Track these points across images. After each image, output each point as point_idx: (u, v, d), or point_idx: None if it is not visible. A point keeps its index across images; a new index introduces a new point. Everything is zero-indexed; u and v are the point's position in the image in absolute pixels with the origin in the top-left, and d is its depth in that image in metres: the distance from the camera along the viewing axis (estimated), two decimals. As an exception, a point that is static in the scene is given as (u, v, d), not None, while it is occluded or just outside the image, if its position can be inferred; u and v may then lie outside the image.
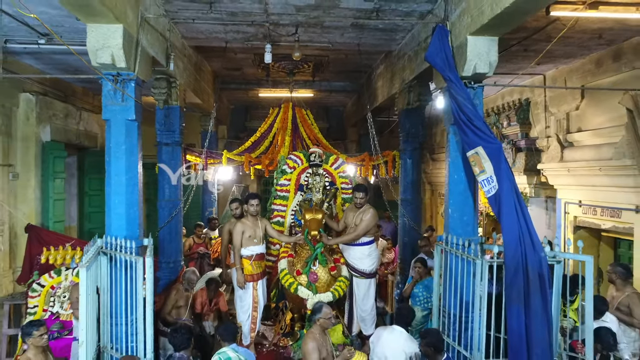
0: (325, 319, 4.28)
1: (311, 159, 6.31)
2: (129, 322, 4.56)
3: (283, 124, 8.35)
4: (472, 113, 4.72)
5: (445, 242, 5.07)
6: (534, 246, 4.43)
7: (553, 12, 4.70)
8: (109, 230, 4.76)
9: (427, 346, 4.08)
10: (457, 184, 5.09)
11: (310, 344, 4.16)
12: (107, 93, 4.69)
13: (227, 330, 4.18)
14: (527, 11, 4.01)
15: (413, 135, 7.19)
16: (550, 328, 4.42)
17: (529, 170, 7.95)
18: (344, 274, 5.56)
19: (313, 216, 5.45)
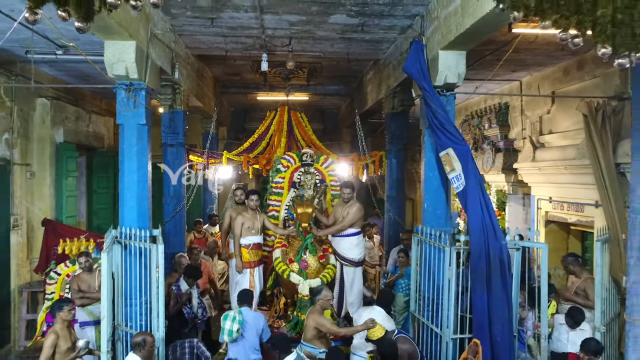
0: (324, 300, 4.96)
1: (303, 159, 6.94)
2: (141, 302, 5.19)
3: (279, 126, 8.97)
4: (444, 118, 5.35)
5: (421, 233, 5.70)
6: (496, 235, 5.06)
7: (515, 29, 5.32)
8: (123, 222, 5.36)
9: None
10: (432, 181, 5.72)
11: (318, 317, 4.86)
12: (120, 100, 5.30)
13: (245, 295, 5.05)
14: (486, 32, 4.64)
15: (398, 137, 7.83)
16: (510, 307, 5.05)
17: (506, 169, 8.58)
18: (331, 262, 6.19)
19: (304, 210, 6.09)
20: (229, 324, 4.65)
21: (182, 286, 5.93)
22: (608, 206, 5.46)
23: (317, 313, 4.91)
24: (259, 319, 5.04)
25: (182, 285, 5.94)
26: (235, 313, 4.76)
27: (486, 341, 4.94)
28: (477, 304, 5.04)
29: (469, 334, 5.12)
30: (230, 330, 4.64)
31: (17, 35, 5.92)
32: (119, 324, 5.18)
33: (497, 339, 4.95)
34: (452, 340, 5.11)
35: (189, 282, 5.88)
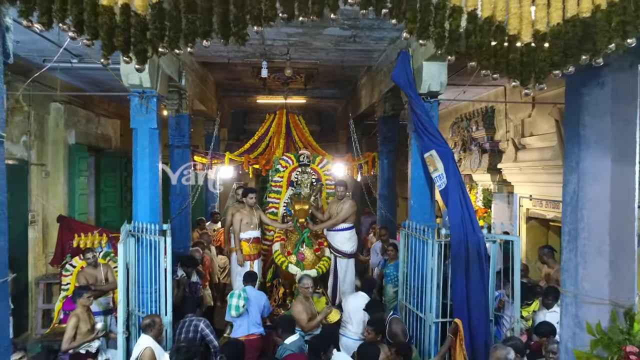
0: (303, 288, 5.49)
1: (300, 160, 7.48)
2: (152, 290, 5.72)
3: (278, 128, 9.51)
4: (427, 123, 5.89)
5: (408, 227, 6.24)
6: (474, 229, 5.59)
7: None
8: (136, 217, 5.88)
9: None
10: (418, 180, 6.25)
11: (298, 306, 5.40)
12: (134, 107, 5.83)
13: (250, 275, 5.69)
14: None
15: (389, 139, 8.38)
16: (486, 293, 5.59)
17: (491, 169, 9.13)
18: (326, 255, 6.74)
19: (301, 207, 6.64)
20: (235, 301, 5.21)
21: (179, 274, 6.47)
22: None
23: (300, 302, 5.46)
24: (261, 296, 5.61)
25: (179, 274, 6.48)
26: (240, 291, 5.34)
27: (465, 324, 5.45)
28: (456, 290, 5.57)
29: (449, 318, 5.65)
30: (237, 305, 5.20)
31: (35, 45, 6.48)
32: (133, 309, 5.70)
33: (474, 322, 5.48)
34: (434, 323, 5.64)
35: (187, 271, 6.39)
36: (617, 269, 2.64)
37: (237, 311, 5.24)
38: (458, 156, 10.36)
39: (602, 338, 2.56)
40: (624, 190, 2.64)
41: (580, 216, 2.75)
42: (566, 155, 2.94)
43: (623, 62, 2.52)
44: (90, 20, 1.80)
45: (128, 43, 1.81)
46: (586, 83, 2.66)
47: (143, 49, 1.84)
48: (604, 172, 2.64)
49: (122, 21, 1.82)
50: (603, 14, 1.99)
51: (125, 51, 1.83)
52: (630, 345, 2.50)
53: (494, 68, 1.97)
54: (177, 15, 1.85)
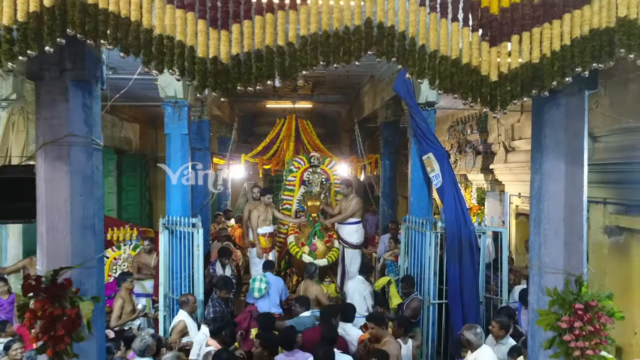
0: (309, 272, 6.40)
1: (311, 161, 8.31)
2: (184, 276, 6.51)
3: (288, 132, 10.30)
4: (425, 129, 6.71)
5: (408, 221, 7.05)
6: (466, 222, 6.41)
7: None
8: (169, 211, 6.67)
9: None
10: (417, 179, 7.06)
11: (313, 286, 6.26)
12: (168, 115, 6.63)
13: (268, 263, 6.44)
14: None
15: (391, 142, 9.20)
16: (477, 279, 6.40)
17: (484, 169, 9.93)
18: (336, 246, 7.57)
19: (313, 203, 7.47)
20: (258, 284, 6.03)
21: (217, 269, 7.24)
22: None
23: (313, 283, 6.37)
24: (279, 281, 6.45)
25: (217, 268, 7.25)
26: (261, 276, 6.16)
27: (458, 305, 6.29)
28: (450, 276, 6.38)
29: (445, 300, 6.46)
30: (260, 288, 6.02)
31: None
32: (167, 292, 6.51)
33: (466, 303, 6.29)
34: (432, 304, 6.45)
35: (223, 261, 7.18)
36: (570, 247, 3.44)
37: (260, 293, 6.05)
38: (454, 157, 11.15)
39: (558, 299, 3.35)
40: (574, 187, 3.43)
41: (542, 207, 3.55)
42: (532, 159, 3.75)
43: (573, 88, 3.31)
44: (190, 67, 2.59)
45: (216, 83, 2.61)
46: (546, 104, 3.45)
47: (226, 87, 2.63)
48: (559, 173, 3.43)
49: (212, 68, 2.61)
50: (548, 60, 2.78)
51: (214, 89, 2.62)
52: (578, 303, 3.30)
53: (471, 99, 2.77)
54: (250, 63, 2.64)
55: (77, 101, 3.17)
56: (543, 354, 3.46)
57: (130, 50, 2.59)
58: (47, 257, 3.14)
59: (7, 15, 2.50)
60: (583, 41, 2.80)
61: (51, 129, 3.13)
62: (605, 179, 6.44)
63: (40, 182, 3.17)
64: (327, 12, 2.70)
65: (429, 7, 2.76)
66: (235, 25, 2.63)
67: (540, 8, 2.81)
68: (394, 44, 2.74)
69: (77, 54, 3.06)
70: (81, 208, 3.19)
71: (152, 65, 2.62)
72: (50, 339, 3.02)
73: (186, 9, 2.60)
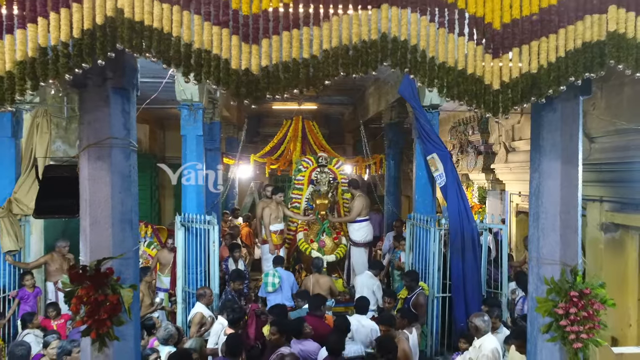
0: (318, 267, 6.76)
1: (319, 161, 8.63)
2: (199, 271, 6.83)
3: (294, 133, 10.62)
4: (429, 130, 7.03)
5: (413, 218, 7.37)
6: (469, 219, 6.74)
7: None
8: (185, 209, 6.99)
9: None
10: (421, 179, 7.38)
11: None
12: (184, 117, 6.95)
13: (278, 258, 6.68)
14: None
15: (395, 143, 9.52)
16: (479, 273, 6.72)
17: (485, 169, 10.25)
18: (343, 243, 7.89)
19: (321, 202, 7.80)
20: (271, 279, 6.36)
21: (229, 265, 7.55)
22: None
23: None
24: (290, 275, 6.79)
25: (229, 264, 7.56)
26: (274, 271, 6.48)
27: (461, 298, 6.62)
28: (454, 271, 6.70)
29: (448, 293, 6.78)
30: (273, 282, 6.34)
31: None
32: (183, 286, 6.82)
33: (469, 296, 6.61)
34: (436, 298, 6.77)
35: (235, 256, 7.50)
36: (565, 240, 3.74)
37: (274, 287, 6.38)
38: (456, 157, 11.46)
39: (555, 287, 3.66)
40: (570, 185, 3.74)
41: (540, 203, 3.86)
42: (531, 159, 4.06)
43: (569, 94, 3.62)
44: (225, 78, 2.90)
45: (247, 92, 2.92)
46: (544, 108, 3.76)
47: (257, 95, 2.94)
48: (556, 171, 3.74)
49: (244, 79, 2.92)
50: (545, 71, 3.09)
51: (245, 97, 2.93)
52: (573, 291, 3.61)
53: (475, 105, 3.08)
54: (278, 74, 2.95)
55: (117, 107, 3.48)
56: (541, 338, 3.77)
57: (172, 63, 2.90)
58: (90, 249, 3.45)
59: (64, 32, 2.81)
60: (576, 53, 3.11)
61: (94, 132, 3.44)
62: (601, 178, 6.75)
63: (83, 180, 3.48)
64: (347, 27, 3.01)
65: (437, 23, 3.07)
66: (265, 40, 2.94)
67: (538, 23, 3.12)
68: (406, 56, 3.05)
69: (117, 64, 3.36)
70: (120, 204, 3.51)
71: (192, 76, 2.93)
72: (94, 323, 3.33)
73: (222, 26, 2.91)
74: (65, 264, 7.10)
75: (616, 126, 6.23)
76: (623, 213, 6.40)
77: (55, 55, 2.81)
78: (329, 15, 2.99)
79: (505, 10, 3.10)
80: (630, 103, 6.13)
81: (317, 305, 5.54)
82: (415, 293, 6.39)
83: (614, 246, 6.61)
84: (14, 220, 6.46)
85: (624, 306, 6.53)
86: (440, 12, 3.08)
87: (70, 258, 7.20)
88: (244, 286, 6.70)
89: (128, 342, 3.56)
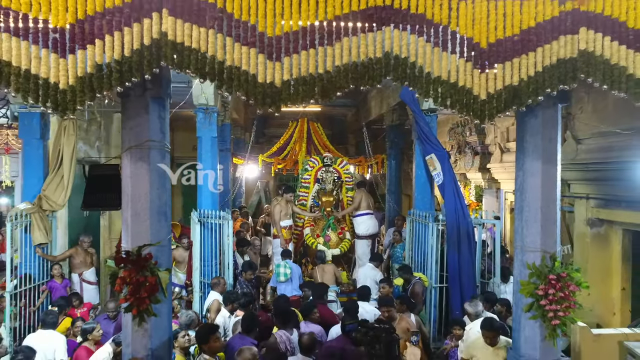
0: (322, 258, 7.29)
1: (325, 161, 9.17)
2: (214, 263, 7.34)
3: (300, 134, 11.15)
4: (428, 132, 7.55)
5: (413, 215, 7.89)
6: (464, 215, 7.24)
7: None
8: (200, 206, 7.49)
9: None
10: (420, 177, 7.91)
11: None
12: (200, 120, 7.47)
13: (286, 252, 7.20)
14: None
15: (396, 144, 10.05)
16: (473, 265, 7.23)
17: (482, 168, 10.76)
18: (347, 237, 8.43)
19: (327, 199, 8.34)
20: (283, 269, 6.88)
21: (237, 259, 8.07)
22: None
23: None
24: (298, 268, 7.32)
25: (237, 259, 8.08)
26: (285, 262, 7.01)
27: (457, 289, 7.13)
28: (450, 263, 7.21)
29: (445, 284, 7.29)
30: (285, 273, 6.87)
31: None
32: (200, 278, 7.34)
33: (464, 286, 7.12)
34: (434, 288, 7.29)
35: (240, 250, 8.02)
36: (546, 230, 4.26)
37: (285, 277, 6.91)
38: (454, 157, 11.98)
39: (536, 271, 4.18)
40: (549, 182, 4.26)
41: (524, 198, 4.38)
42: (516, 159, 4.58)
43: (549, 102, 4.13)
44: (252, 90, 3.43)
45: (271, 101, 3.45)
46: (527, 115, 4.29)
47: (278, 105, 3.46)
48: (537, 170, 4.26)
49: (269, 91, 3.45)
50: (525, 84, 3.61)
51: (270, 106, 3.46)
52: (552, 274, 4.13)
53: (465, 113, 3.60)
54: (297, 87, 3.47)
55: (155, 114, 4.01)
56: (524, 316, 4.29)
57: (207, 77, 3.43)
58: (131, 237, 3.98)
59: (117, 51, 3.33)
60: (552, 68, 3.64)
61: (135, 136, 3.97)
62: (587, 176, 7.27)
63: (126, 178, 4.00)
64: (356, 47, 3.54)
65: (433, 42, 3.60)
66: (287, 58, 3.47)
67: (519, 43, 3.64)
68: (406, 71, 3.58)
69: (155, 76, 3.88)
70: (157, 198, 4.03)
71: (224, 88, 3.46)
72: (135, 301, 3.85)
73: (249, 46, 3.43)
74: (88, 258, 7.63)
75: (601, 129, 6.74)
76: (607, 209, 6.91)
77: (109, 71, 3.34)
78: (340, 37, 3.52)
79: (491, 31, 3.63)
80: (614, 107, 6.62)
81: (320, 293, 6.05)
82: (412, 283, 6.91)
83: (600, 240, 7.12)
84: (44, 216, 6.98)
85: (609, 296, 7.06)
86: (435, 34, 3.60)
87: (92, 252, 7.73)
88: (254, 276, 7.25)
89: (163, 318, 4.08)
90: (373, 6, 3.53)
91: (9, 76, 3.28)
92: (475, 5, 3.61)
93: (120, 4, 3.32)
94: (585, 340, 5.28)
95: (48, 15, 3.30)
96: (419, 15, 3.56)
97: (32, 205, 6.87)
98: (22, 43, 3.28)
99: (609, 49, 3.63)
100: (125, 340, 4.06)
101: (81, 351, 5.32)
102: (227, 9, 3.42)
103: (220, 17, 3.41)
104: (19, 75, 3.27)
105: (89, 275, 7.59)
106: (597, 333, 5.39)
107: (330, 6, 3.48)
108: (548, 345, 4.26)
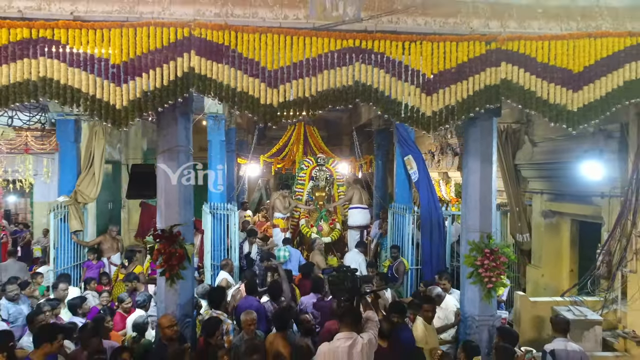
0: (319, 244, 8.46)
1: (318, 161, 10.42)
2: (222, 248, 8.59)
3: (297, 137, 12.39)
4: (406, 137, 8.79)
5: (393, 207, 9.13)
6: (436, 208, 8.48)
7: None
8: (210, 199, 8.74)
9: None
10: (400, 175, 9.15)
11: (317, 256, 8.34)
12: (210, 125, 8.72)
13: (287, 239, 8.39)
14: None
15: (383, 146, 11.31)
16: (444, 250, 8.47)
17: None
18: (337, 227, 9.69)
19: (320, 194, 9.61)
20: (282, 252, 8.09)
21: (244, 247, 9.31)
22: (509, 190, 8.88)
23: (317, 253, 8.44)
24: (297, 252, 8.54)
25: (245, 246, 9.32)
26: (284, 248, 8.23)
27: (429, 269, 8.36)
28: (424, 248, 8.45)
29: (420, 266, 8.53)
30: (284, 255, 8.08)
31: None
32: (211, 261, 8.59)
33: (434, 268, 8.35)
34: (410, 269, 8.52)
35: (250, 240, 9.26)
36: (483, 215, 5.50)
37: (285, 259, 8.13)
38: (437, 157, 13.19)
39: (475, 247, 5.42)
40: (486, 177, 5.50)
41: (468, 190, 5.62)
42: (462, 160, 5.83)
43: (486, 116, 5.37)
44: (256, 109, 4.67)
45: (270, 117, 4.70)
46: (469, 126, 5.53)
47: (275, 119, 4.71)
48: (477, 169, 5.50)
49: (268, 110, 4.70)
50: (459, 104, 4.82)
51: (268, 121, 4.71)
52: (487, 249, 5.37)
53: (414, 126, 4.85)
54: (290, 106, 4.71)
55: (182, 125, 5.25)
56: (467, 282, 5.53)
57: (223, 100, 4.68)
58: (164, 219, 5.22)
59: (158, 81, 4.57)
60: (480, 92, 4.88)
61: (166, 141, 5.22)
62: (541, 174, 8.50)
63: (160, 174, 5.25)
64: (333, 77, 4.77)
65: (390, 73, 4.83)
66: (282, 86, 4.71)
67: (456, 73, 4.88)
68: (371, 95, 4.82)
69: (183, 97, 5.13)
70: (184, 190, 5.28)
71: (235, 108, 4.71)
72: (168, 267, 5.11)
73: (254, 77, 4.68)
74: (115, 244, 8.88)
75: (549, 134, 7.96)
76: (558, 202, 8.13)
77: (152, 96, 4.59)
78: (322, 70, 4.76)
79: (435, 65, 4.87)
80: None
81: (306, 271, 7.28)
82: (397, 262, 8.14)
83: (552, 229, 8.35)
84: (78, 207, 8.24)
85: (560, 276, 8.30)
86: (393, 67, 4.84)
87: (119, 239, 8.98)
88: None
89: (188, 281, 5.33)
90: (346, 47, 4.77)
91: (79, 99, 4.53)
92: (423, 46, 4.85)
93: (160, 47, 4.57)
94: (525, 306, 6.55)
95: (108, 55, 4.55)
96: (380, 53, 4.80)
97: (70, 198, 8.13)
98: (90, 76, 4.52)
99: (523, 78, 4.87)
100: (160, 297, 5.31)
101: (117, 317, 6.56)
102: (238, 50, 4.67)
103: (233, 56, 4.65)
104: (87, 99, 4.52)
105: (116, 259, 8.83)
106: (534, 300, 6.65)
107: (314, 47, 4.72)
108: (485, 304, 5.49)
